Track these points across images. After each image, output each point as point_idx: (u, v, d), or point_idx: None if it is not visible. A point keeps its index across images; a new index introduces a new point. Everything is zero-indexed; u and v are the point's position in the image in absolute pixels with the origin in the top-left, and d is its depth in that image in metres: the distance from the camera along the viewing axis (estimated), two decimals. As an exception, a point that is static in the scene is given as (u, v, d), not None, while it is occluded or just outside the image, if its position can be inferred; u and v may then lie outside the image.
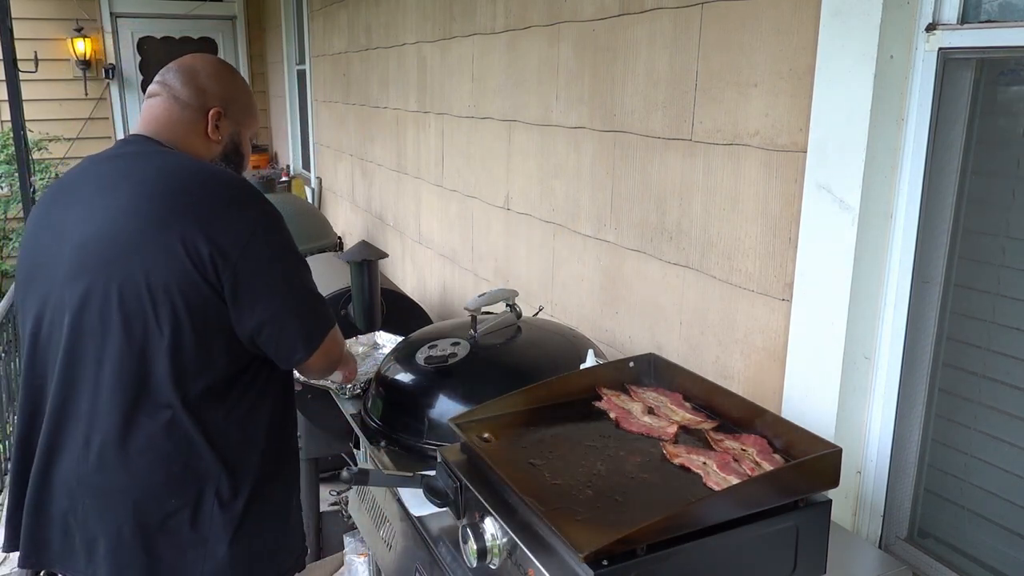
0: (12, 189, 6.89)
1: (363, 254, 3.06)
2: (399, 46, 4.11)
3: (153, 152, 1.62)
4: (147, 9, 8.21)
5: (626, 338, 2.30)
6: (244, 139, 1.75)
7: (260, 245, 1.52)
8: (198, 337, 1.51)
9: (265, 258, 1.53)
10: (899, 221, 1.56)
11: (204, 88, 1.68)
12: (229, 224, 1.51)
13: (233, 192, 1.57)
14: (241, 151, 1.76)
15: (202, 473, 1.54)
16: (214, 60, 1.75)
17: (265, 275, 1.53)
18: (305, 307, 1.59)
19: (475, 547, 1.25)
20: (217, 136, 1.69)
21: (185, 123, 1.67)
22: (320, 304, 1.64)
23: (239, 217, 1.52)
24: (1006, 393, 1.47)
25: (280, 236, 1.58)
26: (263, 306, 1.53)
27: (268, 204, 1.59)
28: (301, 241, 4.54)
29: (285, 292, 1.56)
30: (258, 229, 1.53)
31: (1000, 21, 1.40)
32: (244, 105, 1.74)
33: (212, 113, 1.67)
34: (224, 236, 1.49)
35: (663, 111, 2.07)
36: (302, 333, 1.58)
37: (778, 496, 1.21)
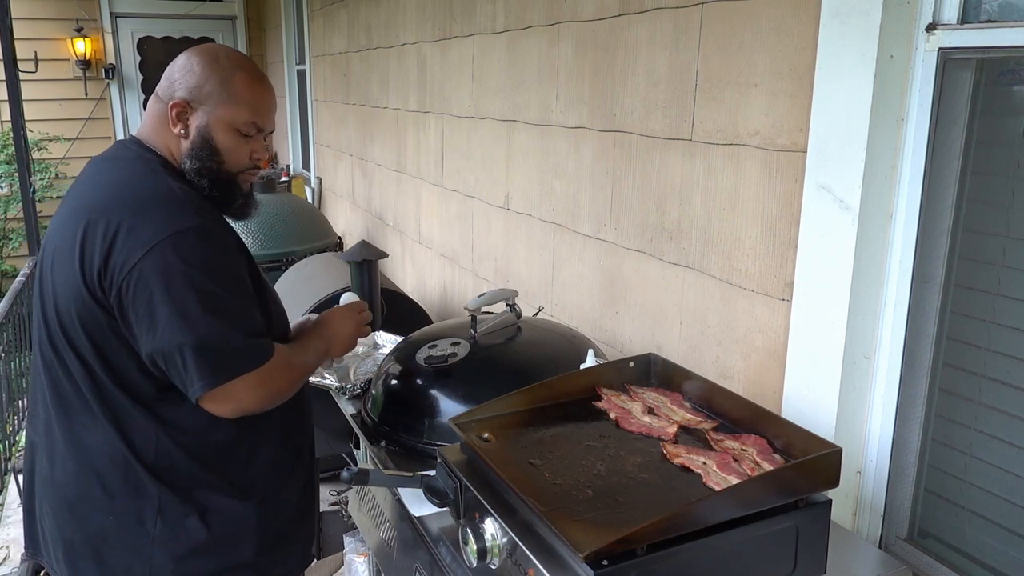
0: (12, 189, 6.89)
1: (363, 254, 3.06)
2: (399, 46, 4.11)
3: (115, 158, 1.56)
4: (147, 9, 8.20)
5: (626, 338, 2.30)
6: (217, 132, 1.52)
7: (155, 265, 1.36)
8: (106, 361, 1.44)
9: (157, 279, 1.36)
10: (899, 221, 1.56)
11: (173, 79, 1.54)
12: (126, 239, 1.38)
13: (143, 205, 1.42)
14: (214, 145, 1.53)
15: (140, 489, 1.48)
16: (196, 48, 1.57)
17: (154, 299, 1.37)
18: (206, 340, 1.38)
19: (475, 547, 1.25)
20: (180, 130, 1.53)
21: (159, 119, 1.55)
22: (232, 338, 1.41)
23: (139, 231, 1.38)
24: (1006, 393, 1.47)
25: (187, 256, 1.38)
26: (152, 334, 1.38)
27: (188, 219, 1.41)
28: (301, 241, 4.60)
29: (179, 321, 1.37)
30: (158, 246, 1.36)
31: (1000, 21, 1.40)
32: (216, 93, 1.52)
33: (171, 105, 1.52)
34: (118, 252, 1.37)
35: (663, 111, 2.07)
36: (199, 369, 1.39)
37: (778, 496, 1.21)
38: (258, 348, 1.44)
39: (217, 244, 1.44)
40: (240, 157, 1.56)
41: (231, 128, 1.53)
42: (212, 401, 1.42)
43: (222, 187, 1.55)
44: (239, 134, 1.54)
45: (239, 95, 1.53)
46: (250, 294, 1.48)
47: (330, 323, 1.73)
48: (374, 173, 4.80)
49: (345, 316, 1.74)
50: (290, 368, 1.53)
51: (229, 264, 1.45)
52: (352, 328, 1.73)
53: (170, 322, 1.37)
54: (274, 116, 1.61)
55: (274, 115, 1.61)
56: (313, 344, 1.66)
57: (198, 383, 1.39)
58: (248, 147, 1.57)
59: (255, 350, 1.44)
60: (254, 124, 1.55)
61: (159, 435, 1.47)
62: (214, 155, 1.53)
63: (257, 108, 1.55)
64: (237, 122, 1.53)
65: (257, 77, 1.57)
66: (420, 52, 3.80)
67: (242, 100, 1.53)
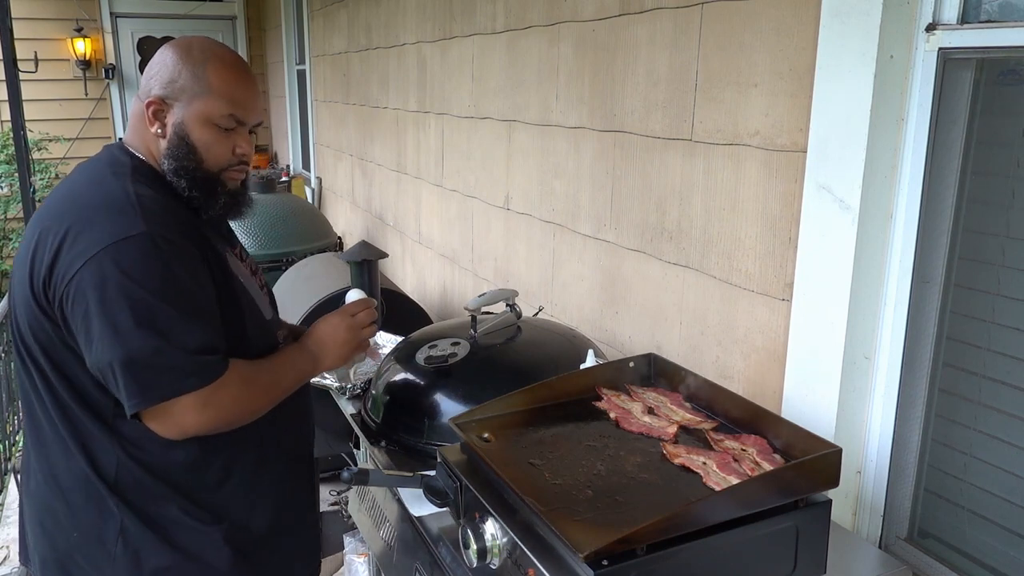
0: (12, 189, 6.89)
1: (363, 254, 3.06)
2: (399, 46, 4.11)
3: (89, 162, 1.49)
4: (147, 9, 8.20)
5: (626, 338, 2.30)
6: (193, 128, 1.43)
7: (91, 275, 1.28)
8: (62, 374, 1.38)
9: (92, 290, 1.28)
10: (899, 221, 1.56)
11: (150, 76, 1.45)
12: (70, 249, 1.31)
13: (91, 212, 1.35)
14: (190, 143, 1.43)
15: (102, 507, 1.41)
16: (171, 42, 1.49)
17: (90, 311, 1.29)
18: (136, 356, 1.29)
19: (475, 547, 1.25)
20: (157, 129, 1.44)
21: (138, 120, 1.47)
22: (168, 355, 1.30)
23: (82, 240, 1.30)
24: (1006, 393, 1.47)
25: (125, 267, 1.29)
26: (90, 349, 1.31)
27: (133, 226, 1.31)
28: (301, 241, 4.60)
29: (110, 336, 1.28)
30: (97, 256, 1.29)
31: (1000, 21, 1.40)
32: (189, 87, 1.42)
33: (146, 103, 1.43)
34: (61, 263, 1.31)
35: (663, 111, 2.07)
36: (128, 388, 1.30)
37: (778, 496, 1.21)
38: (202, 366, 1.32)
39: (164, 253, 1.32)
40: (220, 153, 1.46)
41: (208, 123, 1.43)
42: (152, 421, 1.34)
43: (202, 187, 1.46)
44: (218, 128, 1.44)
45: (213, 86, 1.42)
46: (201, 308, 1.36)
47: (316, 333, 1.59)
48: (374, 173, 4.80)
49: (336, 324, 1.59)
50: (249, 387, 1.41)
51: (176, 275, 1.33)
52: (344, 335, 1.59)
53: (102, 336, 1.29)
54: (257, 107, 1.50)
55: (256, 105, 1.50)
56: (292, 358, 1.54)
57: (128, 402, 1.31)
58: (229, 142, 1.46)
59: (198, 368, 1.32)
60: (233, 116, 1.45)
61: (119, 452, 1.39)
62: (191, 153, 1.43)
63: (235, 99, 1.44)
64: (213, 115, 1.43)
65: (233, 66, 1.46)
66: (420, 52, 3.79)
67: (217, 91, 1.43)
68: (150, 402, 1.31)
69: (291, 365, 1.53)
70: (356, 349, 1.62)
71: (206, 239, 1.44)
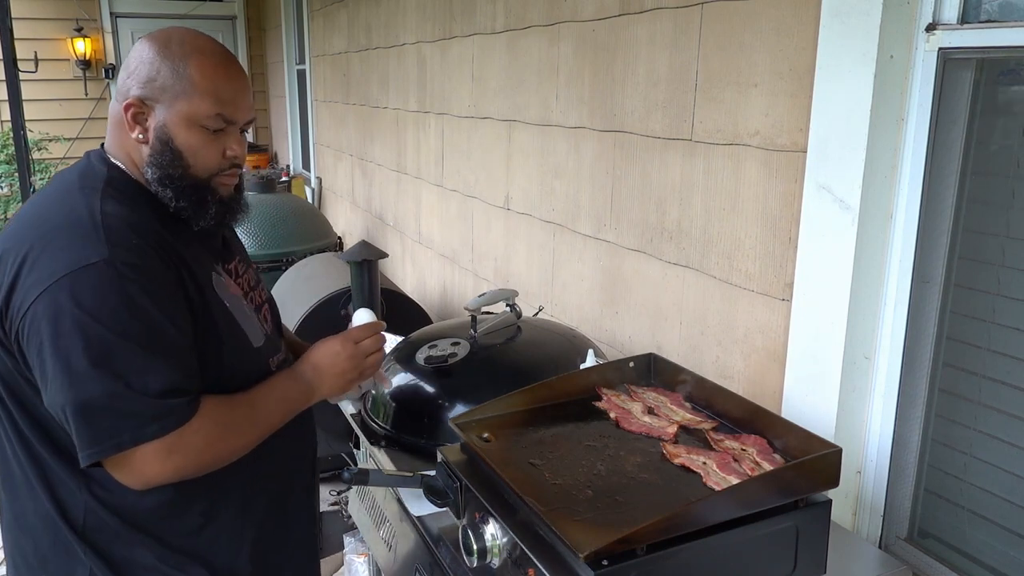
0: (12, 189, 6.89)
1: (363, 254, 3.06)
2: (399, 46, 4.11)
3: (66, 171, 1.36)
4: (147, 9, 8.21)
5: (626, 338, 2.30)
6: (177, 132, 1.29)
7: (46, 308, 1.15)
8: (24, 408, 1.26)
9: (47, 325, 1.15)
10: (899, 221, 1.56)
11: (127, 74, 1.30)
12: (27, 276, 1.18)
13: (50, 234, 1.21)
14: (175, 147, 1.29)
15: (70, 553, 1.30)
16: (148, 35, 1.33)
17: (44, 348, 1.16)
18: (91, 401, 1.15)
19: (475, 547, 1.25)
20: (139, 134, 1.30)
21: (115, 124, 1.33)
22: (127, 399, 1.16)
23: (39, 267, 1.18)
24: (1006, 393, 1.47)
25: (83, 299, 1.15)
26: (45, 389, 1.18)
27: (94, 252, 1.17)
28: (301, 241, 4.60)
29: (63, 377, 1.15)
30: (53, 286, 1.15)
31: (1000, 21, 1.40)
32: (171, 85, 1.27)
33: (124, 106, 1.29)
34: (18, 292, 1.18)
35: (663, 111, 2.07)
36: (80, 436, 1.17)
37: (778, 496, 1.21)
38: (165, 411, 1.18)
39: (128, 282, 1.17)
40: (209, 157, 1.32)
41: (193, 124, 1.29)
42: (111, 469, 1.21)
43: (190, 196, 1.31)
44: (205, 130, 1.30)
45: (197, 84, 1.27)
46: (169, 343, 1.21)
47: (313, 358, 1.43)
48: (374, 173, 4.80)
49: (336, 351, 1.44)
50: (223, 430, 1.27)
51: (140, 307, 1.18)
52: (345, 365, 1.44)
53: (55, 377, 1.16)
54: (247, 103, 1.35)
55: (246, 102, 1.35)
56: (282, 389, 1.39)
57: (81, 451, 1.17)
58: (219, 144, 1.32)
59: (161, 413, 1.18)
60: (221, 116, 1.30)
61: (87, 495, 1.27)
62: (176, 159, 1.29)
63: (221, 97, 1.30)
64: (199, 116, 1.28)
65: (218, 60, 1.31)
66: (420, 52, 3.79)
67: (201, 89, 1.28)
68: (105, 453, 1.17)
69: (279, 397, 1.38)
70: (357, 379, 1.47)
71: (184, 261, 1.28)
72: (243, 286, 1.45)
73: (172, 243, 1.28)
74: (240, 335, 1.36)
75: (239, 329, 1.36)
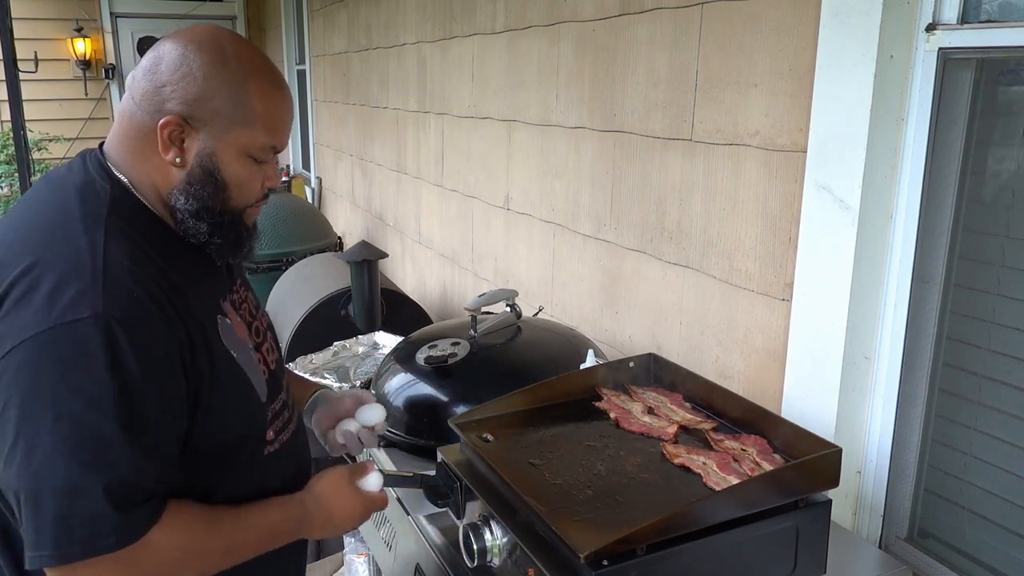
0: (12, 189, 6.89)
1: (363, 254, 3.06)
2: (399, 46, 4.11)
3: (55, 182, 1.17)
4: (147, 9, 8.21)
5: (626, 338, 2.30)
6: (226, 161, 1.13)
7: (19, 365, 0.99)
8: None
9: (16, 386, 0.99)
10: (899, 221, 1.56)
11: (161, 82, 1.11)
12: (8, 315, 1.02)
13: (43, 269, 1.03)
14: (219, 179, 1.13)
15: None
16: (193, 37, 1.14)
17: (8, 412, 0.99)
18: (50, 499, 0.98)
19: (475, 547, 1.25)
20: (175, 157, 1.12)
21: (136, 136, 1.13)
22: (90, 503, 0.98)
23: (18, 313, 1.01)
24: (1006, 393, 1.47)
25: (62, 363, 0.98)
26: (2, 456, 1.01)
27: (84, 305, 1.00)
28: (301, 241, 4.60)
29: (22, 455, 0.98)
30: (30, 340, 0.98)
31: (1000, 21, 1.40)
32: (227, 111, 1.11)
33: (162, 124, 1.10)
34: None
35: (663, 111, 2.07)
36: (31, 533, 0.99)
37: (778, 496, 1.21)
38: (129, 519, 1.01)
39: (117, 345, 1.00)
40: (252, 189, 1.19)
41: (244, 155, 1.15)
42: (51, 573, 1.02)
43: (227, 232, 1.17)
44: (253, 161, 1.16)
45: (257, 113, 1.13)
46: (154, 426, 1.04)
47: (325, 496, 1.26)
48: (374, 173, 4.80)
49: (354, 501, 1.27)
50: (185, 556, 1.08)
51: (127, 373, 1.00)
52: (359, 518, 1.29)
53: (13, 452, 0.98)
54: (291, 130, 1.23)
55: (291, 128, 1.23)
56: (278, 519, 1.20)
57: (29, 552, 1.00)
58: (261, 175, 1.19)
59: (123, 522, 1.00)
60: (272, 147, 1.18)
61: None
62: (219, 191, 1.14)
63: (276, 126, 1.17)
64: (253, 148, 1.15)
65: (276, 83, 1.17)
66: (420, 52, 3.80)
67: (259, 119, 1.13)
68: (48, 562, 0.99)
69: (270, 528, 1.19)
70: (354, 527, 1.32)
71: (190, 310, 1.11)
72: (246, 316, 1.29)
73: (178, 286, 1.11)
74: (247, 389, 1.21)
75: (247, 384, 1.20)
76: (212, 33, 1.16)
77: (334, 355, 2.70)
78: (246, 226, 1.22)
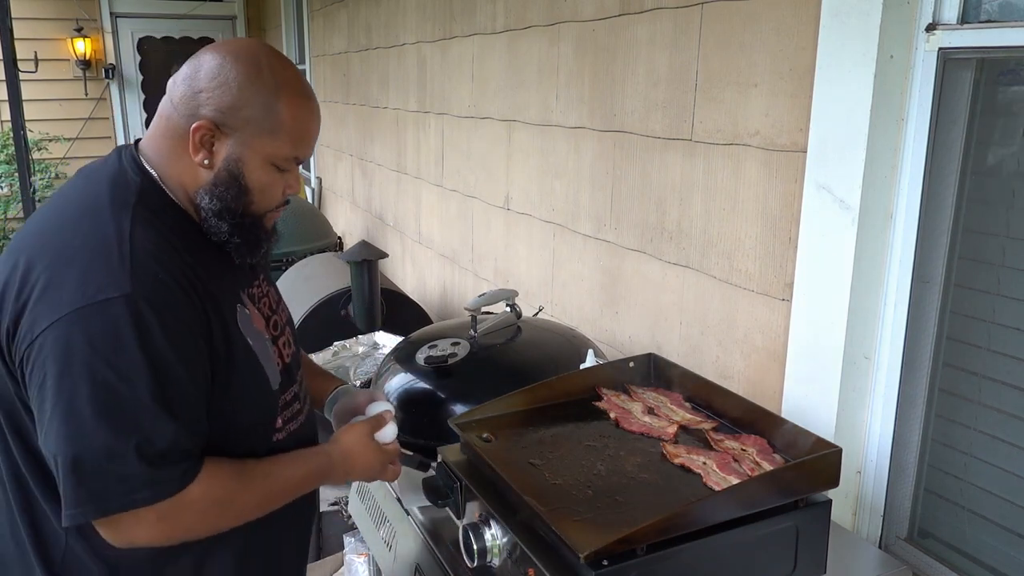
0: (12, 189, 6.89)
1: (363, 254, 3.07)
2: (399, 46, 4.11)
3: (89, 175, 1.26)
4: (147, 9, 8.21)
5: (626, 338, 2.30)
6: (251, 168, 1.21)
7: (56, 341, 1.07)
8: (19, 435, 1.17)
9: (53, 361, 1.07)
10: (899, 221, 1.56)
11: (198, 88, 1.19)
12: (39, 299, 1.10)
13: (70, 256, 1.12)
14: (243, 184, 1.21)
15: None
16: (231, 50, 1.21)
17: (47, 384, 1.08)
18: (89, 459, 1.07)
19: (475, 547, 1.25)
20: (204, 159, 1.20)
21: (172, 136, 1.21)
22: (126, 464, 1.07)
23: (53, 293, 1.09)
24: (1006, 393, 1.47)
25: (96, 338, 1.07)
26: (40, 429, 1.10)
27: (115, 285, 1.08)
28: (301, 241, 4.60)
29: (59, 423, 1.07)
30: (65, 318, 1.07)
31: (1000, 21, 1.40)
32: (257, 121, 1.19)
33: (195, 128, 1.18)
34: (28, 314, 1.10)
35: (663, 111, 2.07)
36: (70, 492, 1.08)
37: (778, 496, 1.21)
38: (162, 476, 1.10)
39: (146, 323, 1.09)
40: (274, 196, 1.27)
41: (268, 163, 1.22)
42: (97, 525, 1.12)
43: (247, 233, 1.25)
44: (276, 169, 1.24)
45: (285, 124, 1.20)
46: (180, 392, 1.13)
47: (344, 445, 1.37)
48: (374, 173, 4.80)
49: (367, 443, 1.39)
50: (221, 508, 1.18)
51: (156, 349, 1.09)
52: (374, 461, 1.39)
53: (53, 420, 1.08)
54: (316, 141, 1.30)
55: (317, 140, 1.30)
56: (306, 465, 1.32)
57: (65, 509, 1.09)
58: (283, 182, 1.27)
59: (157, 479, 1.10)
60: (296, 159, 1.25)
61: (70, 537, 1.18)
62: (242, 195, 1.22)
63: (303, 139, 1.24)
64: (278, 157, 1.22)
65: (306, 97, 1.24)
66: (420, 52, 3.80)
67: (287, 131, 1.21)
68: (88, 516, 1.09)
69: (302, 474, 1.31)
70: (377, 477, 1.43)
71: (211, 296, 1.19)
72: (265, 310, 1.36)
73: (200, 274, 1.18)
74: (260, 377, 1.28)
75: (260, 371, 1.28)
76: (250, 46, 1.24)
77: (334, 355, 2.70)
78: (264, 229, 1.30)
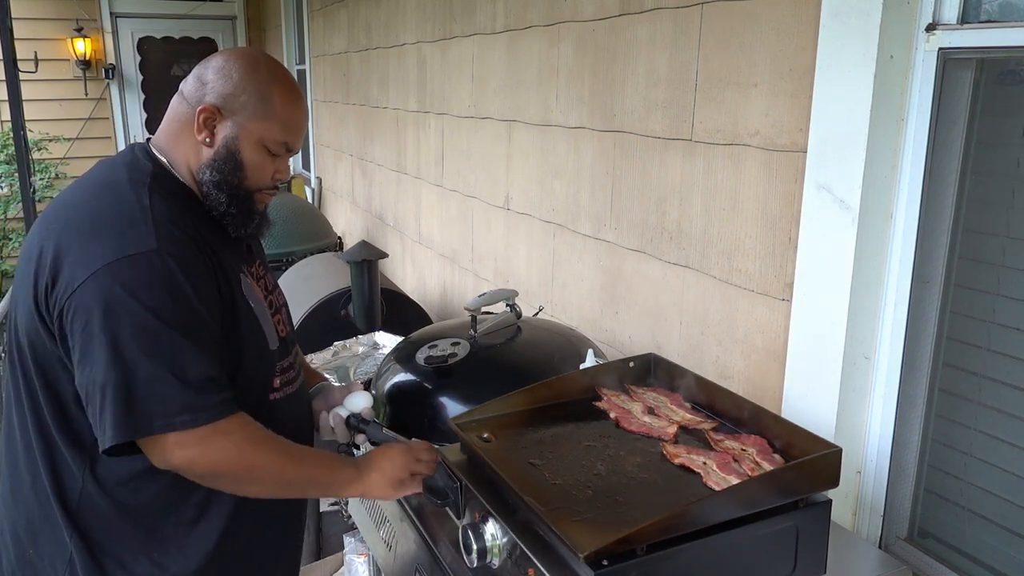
0: (12, 189, 6.89)
1: (363, 254, 3.07)
2: (399, 46, 4.11)
3: (107, 163, 1.43)
4: (147, 9, 8.20)
5: (626, 338, 2.30)
6: (245, 146, 1.40)
7: (95, 291, 1.21)
8: (50, 389, 1.31)
9: (95, 307, 1.21)
10: (899, 221, 1.56)
11: (205, 81, 1.41)
12: (75, 260, 1.25)
13: (98, 222, 1.29)
14: (238, 159, 1.40)
15: (57, 534, 1.34)
16: (234, 51, 1.45)
17: (90, 329, 1.22)
18: (134, 384, 1.21)
19: (475, 547, 1.25)
20: (205, 137, 1.39)
21: (180, 121, 1.42)
22: (168, 388, 1.22)
23: (87, 252, 1.25)
24: (1006, 393, 1.47)
25: (132, 286, 1.22)
26: (83, 367, 1.24)
27: (143, 241, 1.25)
28: (301, 241, 4.60)
29: (107, 356, 1.21)
30: (102, 271, 1.22)
31: (1000, 21, 1.40)
32: (251, 105, 1.39)
33: (199, 110, 1.38)
34: (64, 273, 1.25)
35: (663, 111, 2.07)
36: (114, 415, 1.21)
37: (778, 496, 1.21)
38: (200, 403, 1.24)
39: (174, 273, 1.25)
40: (263, 175, 1.44)
41: (260, 144, 1.41)
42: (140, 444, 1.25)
43: (240, 204, 1.42)
44: (267, 151, 1.42)
45: (275, 111, 1.40)
46: (208, 336, 1.29)
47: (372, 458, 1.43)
48: (374, 173, 4.80)
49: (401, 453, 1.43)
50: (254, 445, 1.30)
51: (185, 297, 1.26)
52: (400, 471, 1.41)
53: (99, 355, 1.21)
54: (303, 136, 1.49)
55: (303, 135, 1.49)
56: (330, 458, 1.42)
57: (109, 430, 1.21)
58: (272, 166, 1.45)
59: (195, 404, 1.24)
60: (284, 144, 1.44)
61: (86, 480, 1.32)
62: (237, 169, 1.40)
63: (290, 127, 1.44)
64: (268, 139, 1.41)
65: (295, 94, 1.46)
66: (420, 52, 3.80)
67: (277, 117, 1.41)
68: (130, 436, 1.22)
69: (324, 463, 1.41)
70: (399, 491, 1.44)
71: (219, 259, 1.37)
72: (262, 289, 1.53)
73: (209, 241, 1.37)
74: (260, 336, 1.44)
75: (260, 330, 1.44)
76: (251, 50, 1.49)
77: (334, 355, 2.70)
78: (255, 205, 1.46)
